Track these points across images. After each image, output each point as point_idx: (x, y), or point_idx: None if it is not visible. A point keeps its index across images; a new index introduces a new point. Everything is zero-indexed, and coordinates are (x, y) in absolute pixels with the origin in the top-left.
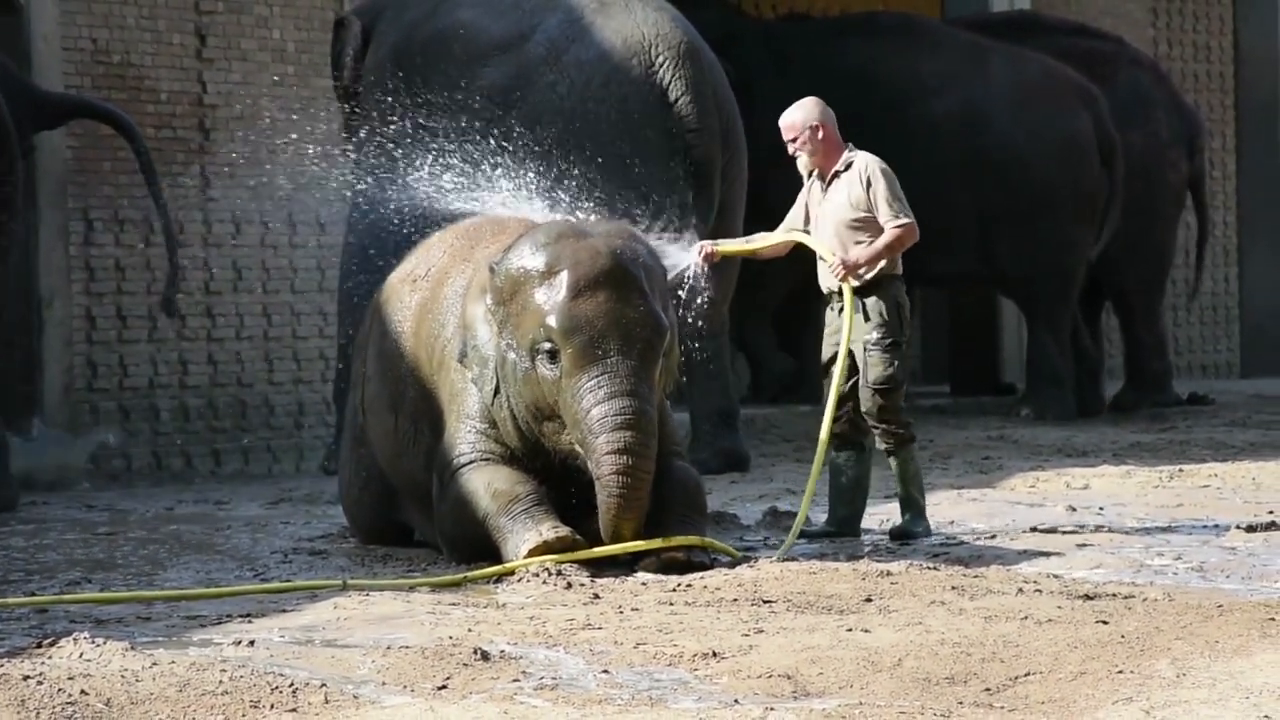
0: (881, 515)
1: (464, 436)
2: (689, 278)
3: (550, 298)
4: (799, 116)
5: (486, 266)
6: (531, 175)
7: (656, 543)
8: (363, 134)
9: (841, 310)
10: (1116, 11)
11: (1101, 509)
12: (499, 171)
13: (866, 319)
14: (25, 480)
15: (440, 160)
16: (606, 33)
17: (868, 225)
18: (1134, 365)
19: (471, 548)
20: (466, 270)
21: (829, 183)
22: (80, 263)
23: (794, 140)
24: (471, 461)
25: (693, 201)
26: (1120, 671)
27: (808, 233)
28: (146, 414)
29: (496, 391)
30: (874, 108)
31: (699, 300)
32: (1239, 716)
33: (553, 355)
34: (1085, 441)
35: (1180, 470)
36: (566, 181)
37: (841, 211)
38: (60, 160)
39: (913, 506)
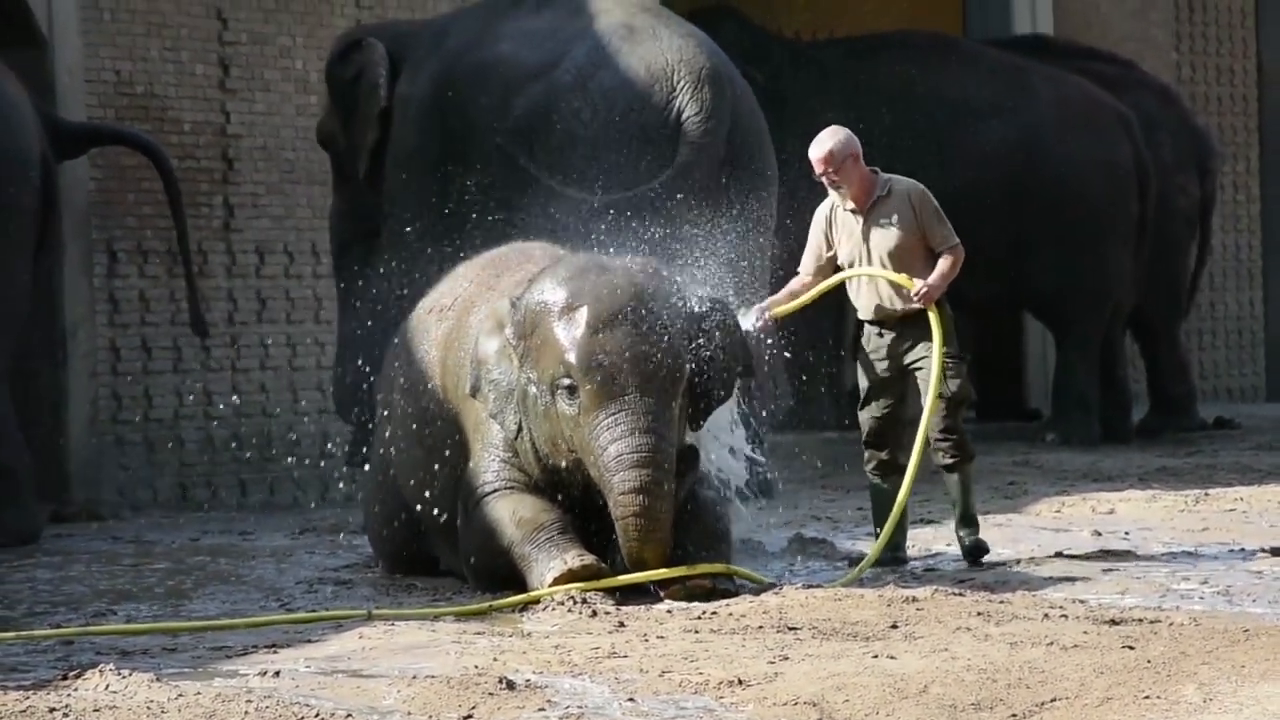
0: (909, 542)
1: (488, 465)
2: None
3: (570, 333)
4: (834, 147)
5: (505, 300)
6: (558, 208)
7: (681, 570)
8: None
9: (891, 335)
10: (1140, 36)
11: (1127, 534)
12: (528, 208)
13: (943, 337)
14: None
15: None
16: (632, 60)
17: (916, 249)
18: (1157, 390)
19: (496, 576)
20: (492, 299)
21: (869, 212)
22: (104, 294)
23: (832, 171)
24: (496, 490)
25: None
26: (1147, 697)
27: (850, 265)
28: (171, 445)
29: (519, 426)
30: (913, 127)
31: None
32: None
33: (572, 391)
34: (1111, 466)
35: (1206, 494)
36: (588, 211)
37: (892, 239)
38: (84, 192)
39: (974, 523)
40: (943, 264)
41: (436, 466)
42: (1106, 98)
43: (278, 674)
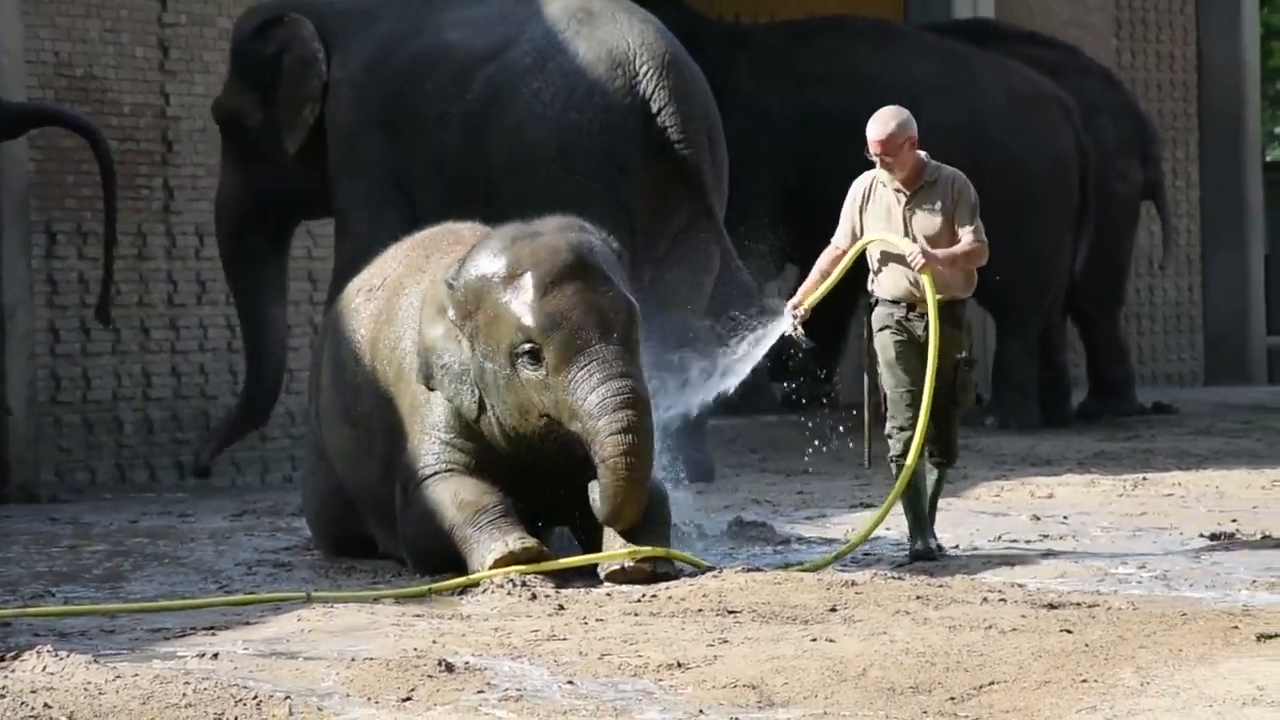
0: (848, 526)
1: (428, 448)
2: (790, 341)
3: (521, 300)
4: (894, 128)
5: (441, 283)
6: (511, 189)
7: (621, 554)
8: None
9: (918, 320)
10: (1080, 22)
11: (1066, 518)
12: (479, 189)
13: (967, 339)
14: None
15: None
16: (592, 43)
17: (953, 239)
18: (1096, 375)
19: (437, 559)
20: (422, 280)
21: (914, 195)
22: (43, 276)
23: (889, 153)
24: (437, 473)
25: (688, 210)
26: (1084, 680)
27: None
28: (110, 426)
29: (481, 407)
30: (850, 111)
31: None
32: None
33: (534, 355)
34: (1049, 451)
35: (1144, 479)
36: (548, 191)
37: (932, 225)
38: (23, 173)
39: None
40: (956, 247)
41: (368, 448)
42: (1048, 84)
43: (216, 656)
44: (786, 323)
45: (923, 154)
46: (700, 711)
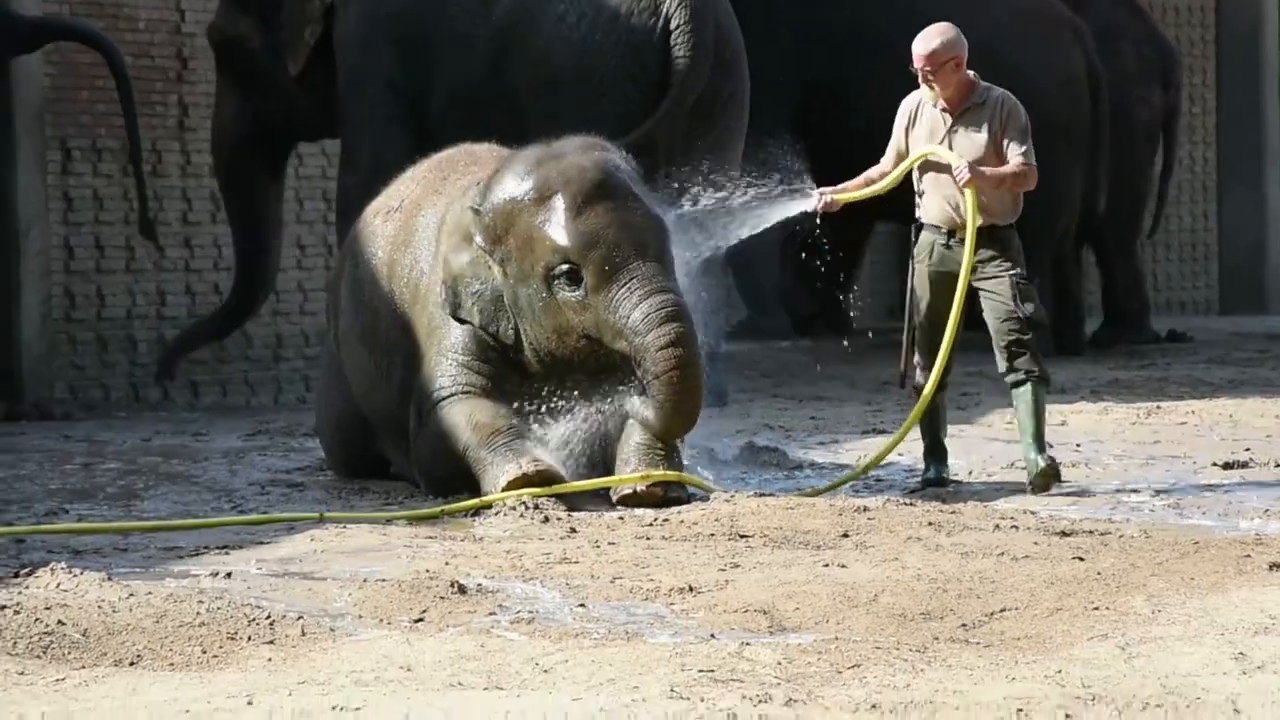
0: (860, 451)
1: (444, 370)
2: (799, 220)
3: (555, 221)
4: (938, 47)
5: (465, 209)
6: (534, 111)
7: (634, 477)
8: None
9: (952, 244)
10: None
11: (1079, 446)
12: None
13: (1014, 259)
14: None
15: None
16: None
17: (999, 162)
18: (1111, 302)
19: (450, 480)
20: (439, 201)
21: (960, 115)
22: (58, 192)
23: (930, 70)
24: (453, 394)
25: (709, 130)
26: (1096, 608)
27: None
28: (124, 344)
29: (516, 332)
30: (856, 31)
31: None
32: (1213, 653)
33: (572, 276)
34: (1063, 379)
35: (1158, 407)
36: (572, 114)
37: (976, 147)
38: (37, 89)
39: (1042, 442)
40: (1004, 168)
41: (385, 370)
42: (1058, 6)
43: (229, 575)
44: (812, 201)
45: (971, 74)
46: (711, 635)
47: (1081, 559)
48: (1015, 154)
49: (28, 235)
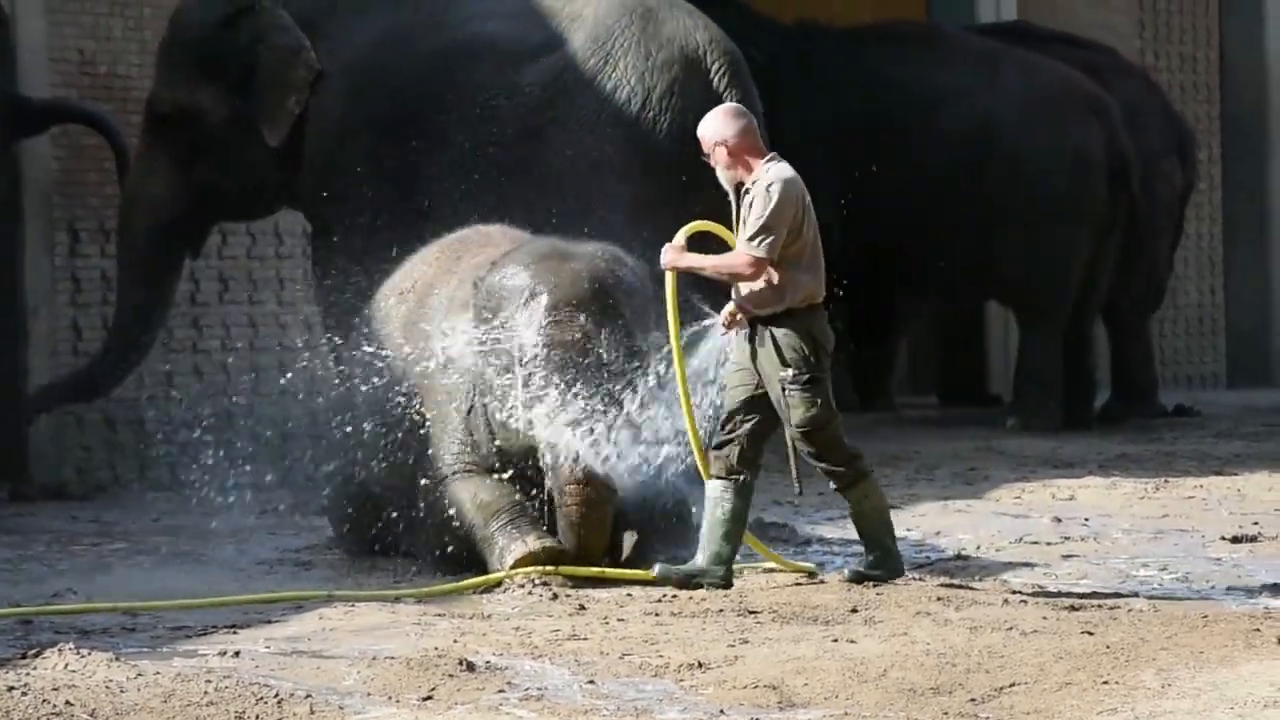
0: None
1: (447, 448)
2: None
3: (527, 319)
4: (707, 130)
5: (470, 281)
6: (568, 190)
7: (645, 575)
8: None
9: (751, 336)
10: (1104, 24)
11: (1087, 520)
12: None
13: (781, 357)
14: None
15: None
16: (661, 40)
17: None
18: (1121, 377)
19: (457, 558)
20: (451, 283)
21: (738, 200)
22: (66, 274)
23: (706, 154)
24: (456, 472)
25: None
26: (1105, 682)
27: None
28: (132, 425)
29: (472, 405)
30: (889, 114)
31: None
32: None
33: (525, 377)
34: (1071, 453)
35: (1166, 482)
36: (609, 196)
37: (740, 234)
38: (46, 171)
39: (875, 546)
40: (709, 257)
41: (394, 449)
42: (1084, 83)
43: (237, 654)
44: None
45: (752, 159)
46: (721, 712)
47: (1090, 633)
48: (740, 241)
49: (36, 316)
